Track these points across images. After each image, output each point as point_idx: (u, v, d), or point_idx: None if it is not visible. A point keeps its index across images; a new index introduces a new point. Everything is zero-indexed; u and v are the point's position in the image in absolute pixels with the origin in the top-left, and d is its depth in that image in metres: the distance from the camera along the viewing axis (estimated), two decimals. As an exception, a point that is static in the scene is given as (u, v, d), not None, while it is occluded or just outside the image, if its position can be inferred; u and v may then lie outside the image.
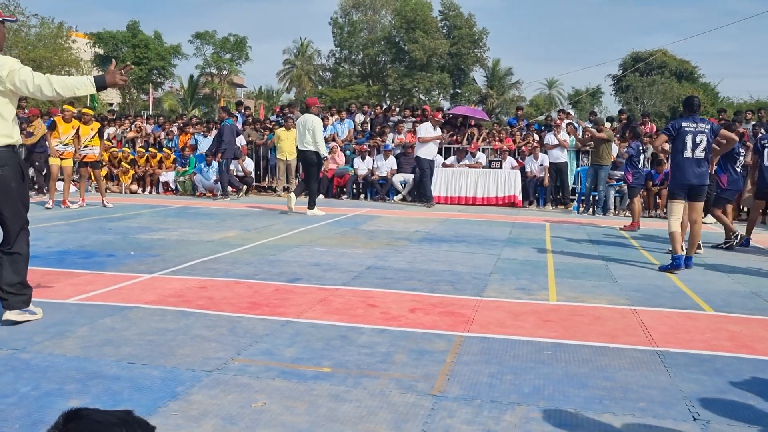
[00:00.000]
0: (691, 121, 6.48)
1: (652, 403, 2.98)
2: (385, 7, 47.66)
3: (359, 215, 10.90)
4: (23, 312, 3.97)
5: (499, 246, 7.72)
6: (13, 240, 3.95)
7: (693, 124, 6.46)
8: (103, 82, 4.05)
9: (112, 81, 4.07)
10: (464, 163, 14.07)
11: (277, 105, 26.24)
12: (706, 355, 3.71)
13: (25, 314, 3.98)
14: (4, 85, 3.81)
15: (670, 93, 43.33)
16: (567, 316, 4.52)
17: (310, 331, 3.98)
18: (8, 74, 3.80)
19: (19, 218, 3.97)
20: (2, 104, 3.86)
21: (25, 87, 3.83)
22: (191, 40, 45.74)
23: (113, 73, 4.07)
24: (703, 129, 6.45)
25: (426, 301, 4.84)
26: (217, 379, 3.13)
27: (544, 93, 57.18)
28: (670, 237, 6.51)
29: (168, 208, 11.49)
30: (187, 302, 4.59)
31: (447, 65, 45.59)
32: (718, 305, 4.98)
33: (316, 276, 5.62)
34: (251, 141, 15.69)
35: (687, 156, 6.43)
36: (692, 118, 6.51)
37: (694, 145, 6.41)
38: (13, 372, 3.15)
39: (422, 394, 3.00)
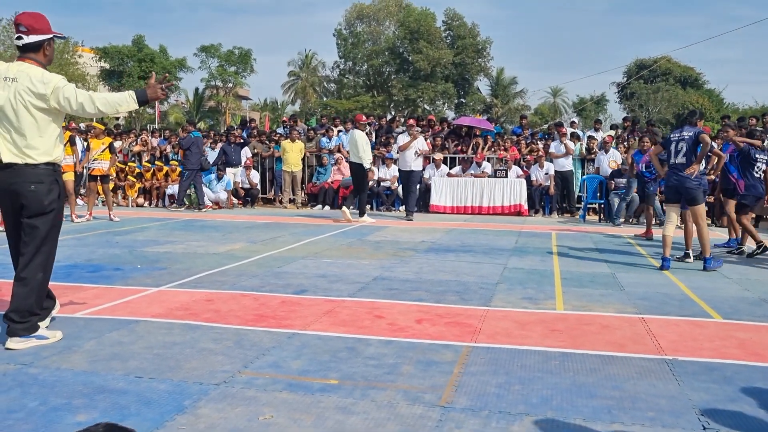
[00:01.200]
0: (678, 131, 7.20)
1: (661, 412, 2.96)
2: (388, 18, 47.90)
3: (365, 226, 10.91)
4: (26, 339, 3.82)
5: (506, 255, 7.70)
6: (28, 261, 3.85)
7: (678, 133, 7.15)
8: (144, 96, 4.01)
9: (153, 95, 4.03)
10: (470, 173, 14.08)
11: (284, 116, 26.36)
12: (716, 364, 3.69)
13: (30, 341, 3.83)
14: (48, 103, 3.82)
15: (675, 100, 43.33)
16: (574, 325, 4.50)
17: (316, 343, 3.98)
18: (53, 92, 3.81)
19: (41, 238, 3.87)
20: (45, 122, 3.87)
21: (69, 105, 3.84)
22: (196, 53, 46.12)
23: (154, 87, 4.03)
24: (683, 137, 7.01)
25: (433, 311, 4.83)
26: (224, 392, 3.13)
27: (549, 101, 57.26)
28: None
29: (174, 221, 11.53)
30: (193, 315, 4.60)
31: (451, 75, 45.74)
32: (727, 312, 4.95)
33: (323, 287, 5.62)
34: (257, 153, 15.75)
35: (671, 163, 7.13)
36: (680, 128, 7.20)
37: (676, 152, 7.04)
38: (21, 387, 3.16)
39: (430, 406, 2.99)
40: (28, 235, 3.85)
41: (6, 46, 28.04)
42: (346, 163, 14.97)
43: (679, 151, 6.97)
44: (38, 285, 3.89)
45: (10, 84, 3.79)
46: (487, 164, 14.20)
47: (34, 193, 3.81)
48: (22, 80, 3.79)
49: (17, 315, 3.80)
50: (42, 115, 3.84)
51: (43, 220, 3.87)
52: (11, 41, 28.01)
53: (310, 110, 48.03)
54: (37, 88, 3.78)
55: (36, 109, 3.81)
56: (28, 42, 3.88)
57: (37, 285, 3.88)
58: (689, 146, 6.93)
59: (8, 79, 3.80)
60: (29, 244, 3.85)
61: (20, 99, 3.78)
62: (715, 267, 6.92)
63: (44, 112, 3.84)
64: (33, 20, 3.90)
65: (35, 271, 3.86)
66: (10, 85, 3.79)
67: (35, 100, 3.79)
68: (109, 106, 3.91)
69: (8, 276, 5.98)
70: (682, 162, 6.94)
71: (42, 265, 3.90)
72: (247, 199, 15.14)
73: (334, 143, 15.61)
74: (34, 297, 3.86)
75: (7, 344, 3.79)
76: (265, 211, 14.25)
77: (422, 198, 14.10)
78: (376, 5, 48.03)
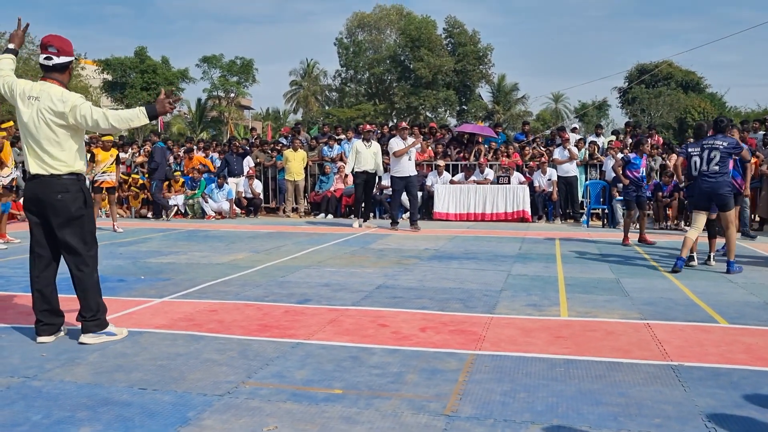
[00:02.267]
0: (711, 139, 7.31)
1: (668, 419, 2.94)
2: (389, 26, 48.04)
3: (368, 234, 10.91)
4: (98, 335, 4.18)
5: (509, 262, 7.69)
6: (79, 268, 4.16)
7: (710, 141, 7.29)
8: (154, 111, 4.22)
9: (162, 109, 4.23)
10: (472, 180, 14.07)
11: (286, 126, 26.41)
12: (722, 369, 3.66)
13: (101, 336, 4.18)
14: (67, 120, 4.07)
15: (677, 104, 43.30)
16: (579, 331, 4.48)
17: (320, 352, 3.97)
18: (71, 110, 4.05)
19: (82, 243, 4.16)
20: (66, 137, 4.11)
21: (85, 121, 4.07)
22: (198, 64, 46.23)
23: (162, 102, 4.21)
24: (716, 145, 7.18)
25: (437, 319, 4.81)
26: (228, 403, 3.12)
27: (551, 107, 57.31)
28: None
29: (177, 231, 11.54)
30: (197, 326, 4.59)
31: (453, 82, 45.79)
32: (732, 317, 4.92)
33: (326, 296, 5.61)
34: (259, 163, 15.78)
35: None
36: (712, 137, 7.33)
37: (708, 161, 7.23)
38: (25, 400, 3.15)
39: (435, 414, 2.98)
40: (67, 247, 4.15)
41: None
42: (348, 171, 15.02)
43: (711, 159, 7.13)
44: (96, 284, 4.26)
45: (33, 102, 4.08)
46: (490, 171, 14.19)
47: (61, 202, 4.07)
48: (43, 99, 4.06)
49: (89, 315, 4.16)
50: (62, 131, 4.09)
51: (74, 228, 4.13)
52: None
53: (313, 119, 48.13)
54: (57, 106, 4.04)
55: (56, 125, 4.07)
56: (57, 63, 4.16)
57: (96, 285, 4.25)
58: (724, 155, 7.09)
59: (32, 97, 4.08)
60: (75, 252, 4.15)
61: (42, 116, 4.05)
62: (737, 271, 7.02)
63: (64, 128, 4.09)
64: (63, 43, 4.20)
65: (91, 275, 4.21)
66: (33, 103, 4.07)
67: (55, 117, 4.05)
68: (122, 122, 4.18)
69: (11, 288, 5.99)
70: (714, 170, 7.10)
71: (94, 267, 4.26)
72: (250, 208, 15.16)
73: (336, 152, 15.64)
74: (98, 297, 4.23)
75: (81, 339, 4.15)
76: (268, 220, 14.26)
77: (425, 205, 14.10)
78: (377, 14, 48.19)
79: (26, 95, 4.10)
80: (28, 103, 4.08)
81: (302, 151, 15.03)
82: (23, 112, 4.08)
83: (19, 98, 4.11)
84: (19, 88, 4.13)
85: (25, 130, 4.09)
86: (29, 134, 4.08)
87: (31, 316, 4.86)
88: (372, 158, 11.95)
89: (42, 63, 4.18)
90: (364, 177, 11.98)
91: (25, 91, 4.11)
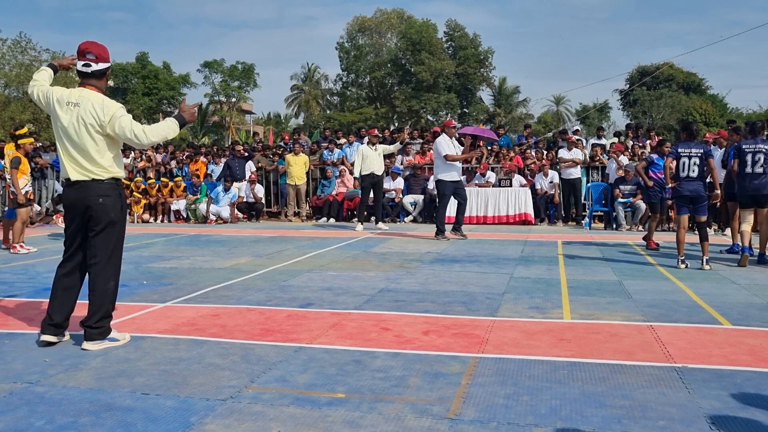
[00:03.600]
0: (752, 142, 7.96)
1: (672, 421, 2.93)
2: (390, 30, 48.12)
3: (370, 237, 10.90)
4: (101, 341, 4.19)
5: (512, 265, 7.68)
6: (98, 272, 4.18)
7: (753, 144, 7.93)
8: (183, 120, 4.35)
9: (190, 118, 4.41)
10: (474, 183, 14.07)
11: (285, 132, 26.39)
12: (726, 371, 3.65)
13: (104, 343, 4.19)
14: (104, 129, 4.13)
15: (678, 106, 43.28)
16: (582, 334, 4.47)
17: (323, 356, 3.96)
18: (110, 120, 4.11)
19: (111, 249, 4.21)
20: (104, 144, 4.17)
21: (123, 133, 4.14)
22: (200, 69, 46.34)
23: (189, 111, 4.39)
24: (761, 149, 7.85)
25: (439, 322, 4.81)
26: (231, 407, 3.12)
27: (552, 110, 57.31)
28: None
29: (180, 236, 11.55)
30: (200, 330, 4.59)
31: (454, 85, 45.85)
32: (736, 319, 4.91)
33: (329, 300, 5.61)
34: (261, 167, 15.80)
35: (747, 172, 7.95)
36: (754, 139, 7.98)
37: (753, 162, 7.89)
38: (28, 406, 3.15)
39: (438, 418, 2.97)
40: (97, 248, 4.17)
41: (11, 65, 28.21)
42: (349, 175, 15.02)
43: (756, 162, 7.82)
44: (111, 293, 4.25)
45: (72, 108, 4.12)
46: (492, 174, 14.19)
47: (102, 206, 4.13)
48: (84, 105, 4.10)
49: (93, 321, 4.16)
50: (100, 137, 4.15)
51: (111, 232, 4.19)
52: (16, 60, 28.20)
53: (314, 123, 48.18)
54: (97, 113, 4.10)
55: (95, 132, 4.12)
56: (96, 69, 4.22)
57: (110, 293, 4.25)
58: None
59: (71, 103, 4.13)
60: (98, 256, 4.17)
61: (82, 122, 4.10)
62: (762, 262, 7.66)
63: (102, 135, 4.15)
64: (101, 50, 4.25)
65: (107, 281, 4.22)
66: (72, 109, 4.12)
67: (95, 124, 4.10)
68: (157, 136, 4.26)
69: (14, 294, 6.00)
70: (759, 172, 7.81)
71: (113, 275, 4.26)
72: (252, 213, 15.16)
73: (338, 156, 15.65)
74: (107, 304, 4.22)
75: (84, 346, 4.15)
76: (270, 224, 14.26)
77: (428, 209, 14.10)
78: (378, 18, 48.29)
79: (65, 101, 4.13)
80: (67, 109, 4.12)
81: (304, 155, 15.04)
82: (62, 117, 4.11)
83: (57, 104, 4.14)
84: (55, 95, 4.16)
85: (65, 136, 4.13)
86: (69, 140, 4.12)
87: (33, 321, 4.87)
88: (379, 160, 12.05)
89: (80, 70, 4.21)
90: (372, 180, 12.00)
91: (63, 97, 4.14)
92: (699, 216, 7.67)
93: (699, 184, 7.57)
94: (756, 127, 8.18)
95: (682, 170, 7.59)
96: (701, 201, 7.59)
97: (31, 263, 7.98)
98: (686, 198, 7.59)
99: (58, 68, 4.49)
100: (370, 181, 12.02)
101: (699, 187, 7.56)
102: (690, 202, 7.61)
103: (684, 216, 7.73)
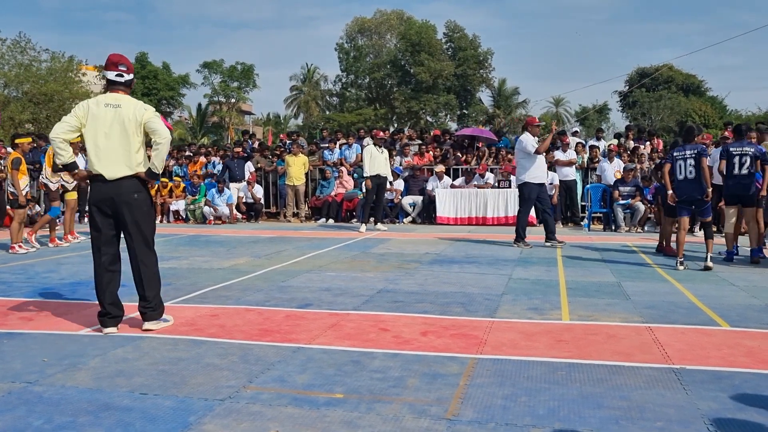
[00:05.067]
0: (738, 145, 8.13)
1: (670, 422, 2.94)
2: (390, 31, 48.11)
3: (369, 238, 10.91)
4: (158, 322, 4.65)
5: (511, 266, 7.68)
6: (142, 260, 4.63)
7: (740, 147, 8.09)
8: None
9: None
10: (473, 184, 14.08)
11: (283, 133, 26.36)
12: (724, 372, 3.66)
13: (160, 323, 4.66)
14: (140, 128, 4.53)
15: (678, 107, 43.31)
16: (580, 335, 4.48)
17: (321, 357, 3.97)
18: (147, 120, 4.53)
19: (149, 239, 4.66)
20: (138, 142, 4.55)
21: (152, 133, 4.53)
22: (199, 69, 46.28)
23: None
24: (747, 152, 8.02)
25: (438, 323, 4.81)
26: (229, 407, 3.12)
27: (551, 111, 57.29)
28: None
29: (179, 236, 11.55)
30: (198, 331, 4.59)
31: (453, 86, 45.84)
32: (734, 320, 4.92)
33: (327, 301, 5.61)
34: (260, 168, 15.80)
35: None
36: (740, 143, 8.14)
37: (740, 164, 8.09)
38: (26, 406, 3.15)
39: (436, 419, 2.97)
40: (132, 237, 4.58)
41: (11, 65, 28.16)
42: (348, 176, 15.03)
43: (743, 164, 8.05)
44: (158, 274, 4.75)
45: (111, 109, 4.48)
46: (491, 175, 14.20)
47: (137, 201, 4.54)
48: (125, 106, 4.50)
49: (152, 303, 4.62)
50: (137, 137, 4.53)
51: (145, 225, 4.61)
52: (15, 60, 28.13)
53: (313, 124, 48.16)
54: (138, 114, 4.51)
55: (133, 131, 4.50)
56: (127, 79, 4.66)
57: (158, 274, 4.75)
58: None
59: (109, 105, 4.49)
60: (142, 243, 4.61)
61: (121, 122, 4.46)
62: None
63: (138, 134, 4.54)
64: (129, 63, 4.71)
65: (154, 264, 4.70)
66: (112, 110, 4.48)
67: (134, 123, 4.49)
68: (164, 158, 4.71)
69: (13, 294, 6.00)
70: (744, 173, 8.05)
71: (156, 257, 4.73)
72: (251, 213, 15.17)
73: (337, 156, 15.66)
74: (159, 284, 4.73)
75: (145, 326, 4.60)
76: (269, 225, 14.26)
77: (426, 210, 14.11)
78: (378, 19, 48.28)
79: (102, 103, 4.47)
80: (106, 111, 4.45)
81: (303, 156, 15.05)
82: (100, 117, 4.44)
83: (95, 107, 4.47)
84: (83, 107, 4.50)
85: (100, 135, 4.44)
86: (106, 139, 4.44)
87: (32, 320, 4.89)
88: (385, 163, 12.20)
89: (113, 79, 4.59)
90: (377, 181, 12.10)
91: (99, 100, 4.51)
92: (703, 217, 7.84)
93: (697, 185, 7.61)
94: (742, 130, 8.36)
95: (679, 173, 7.72)
96: (701, 203, 7.67)
97: (30, 263, 7.97)
98: (686, 201, 7.69)
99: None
100: (376, 182, 12.08)
101: (697, 189, 7.61)
102: (691, 204, 7.72)
103: (685, 218, 7.80)
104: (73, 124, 4.47)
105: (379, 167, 12.05)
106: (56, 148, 4.49)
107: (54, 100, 27.45)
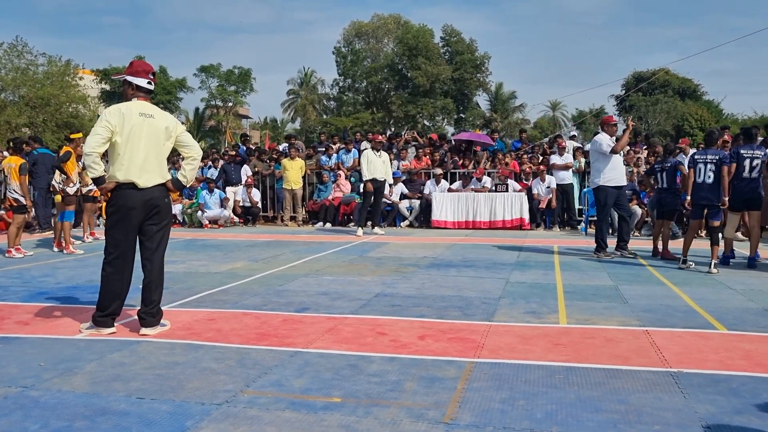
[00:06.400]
0: (749, 148, 8.11)
1: (667, 425, 2.93)
2: (387, 35, 48.18)
3: (366, 242, 10.90)
4: (157, 327, 4.67)
5: (508, 270, 7.69)
6: (154, 263, 4.67)
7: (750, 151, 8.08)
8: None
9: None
10: (470, 188, 14.09)
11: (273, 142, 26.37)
12: (721, 375, 3.66)
13: (156, 328, 4.67)
14: (172, 141, 4.69)
15: (674, 111, 43.41)
16: (578, 338, 4.48)
17: (319, 361, 3.96)
18: (180, 132, 4.72)
19: (165, 243, 4.76)
20: (167, 151, 4.69)
21: (183, 146, 4.72)
22: (196, 73, 46.28)
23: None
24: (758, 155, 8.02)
25: (435, 327, 4.81)
26: (226, 412, 3.11)
27: (548, 115, 57.45)
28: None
29: (176, 240, 11.52)
30: (195, 335, 4.58)
31: (450, 91, 45.90)
32: (731, 324, 4.92)
33: (325, 305, 5.61)
34: (257, 171, 15.79)
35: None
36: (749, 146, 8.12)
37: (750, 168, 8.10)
38: (22, 410, 3.14)
39: (433, 423, 2.97)
40: (155, 242, 4.67)
41: (7, 69, 28.16)
42: (345, 179, 15.03)
43: (754, 167, 8.07)
44: (163, 280, 4.79)
45: (146, 119, 4.55)
46: (488, 179, 14.21)
47: (167, 205, 4.71)
48: (158, 117, 4.62)
49: (154, 307, 4.66)
50: (167, 145, 4.67)
51: (167, 229, 4.77)
52: (12, 64, 28.14)
53: (310, 128, 48.16)
54: (170, 125, 4.68)
55: (164, 141, 4.63)
56: (154, 88, 4.79)
57: (163, 280, 4.79)
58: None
59: (144, 114, 4.56)
60: (160, 248, 4.70)
61: (155, 131, 4.58)
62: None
63: (167, 145, 4.67)
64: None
65: (161, 270, 4.75)
66: (146, 119, 4.55)
67: (165, 135, 4.63)
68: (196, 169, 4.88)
69: (9, 298, 5.98)
70: (755, 177, 8.06)
71: (163, 264, 4.80)
72: (248, 217, 15.15)
73: (334, 161, 15.67)
74: (162, 290, 4.76)
75: (143, 332, 4.59)
76: (267, 229, 14.25)
77: (423, 213, 14.11)
78: (375, 23, 48.36)
79: (135, 112, 4.51)
80: (140, 120, 4.51)
81: (300, 160, 15.04)
82: (136, 125, 4.49)
83: (127, 115, 4.48)
84: (115, 115, 4.47)
85: (136, 145, 4.48)
86: (141, 147, 4.50)
87: (28, 325, 4.88)
88: (382, 167, 12.22)
89: (145, 87, 4.68)
90: (374, 185, 12.13)
91: (131, 110, 4.51)
92: (712, 221, 7.91)
93: (714, 191, 7.80)
94: (751, 133, 8.38)
95: (697, 176, 7.92)
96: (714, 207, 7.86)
97: (26, 267, 7.95)
98: (700, 205, 7.93)
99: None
100: (373, 185, 12.09)
101: (713, 194, 7.81)
102: (704, 207, 7.94)
103: (697, 221, 8.07)
104: (105, 136, 4.41)
105: (376, 171, 12.08)
106: (91, 162, 4.41)
107: (51, 104, 27.45)
